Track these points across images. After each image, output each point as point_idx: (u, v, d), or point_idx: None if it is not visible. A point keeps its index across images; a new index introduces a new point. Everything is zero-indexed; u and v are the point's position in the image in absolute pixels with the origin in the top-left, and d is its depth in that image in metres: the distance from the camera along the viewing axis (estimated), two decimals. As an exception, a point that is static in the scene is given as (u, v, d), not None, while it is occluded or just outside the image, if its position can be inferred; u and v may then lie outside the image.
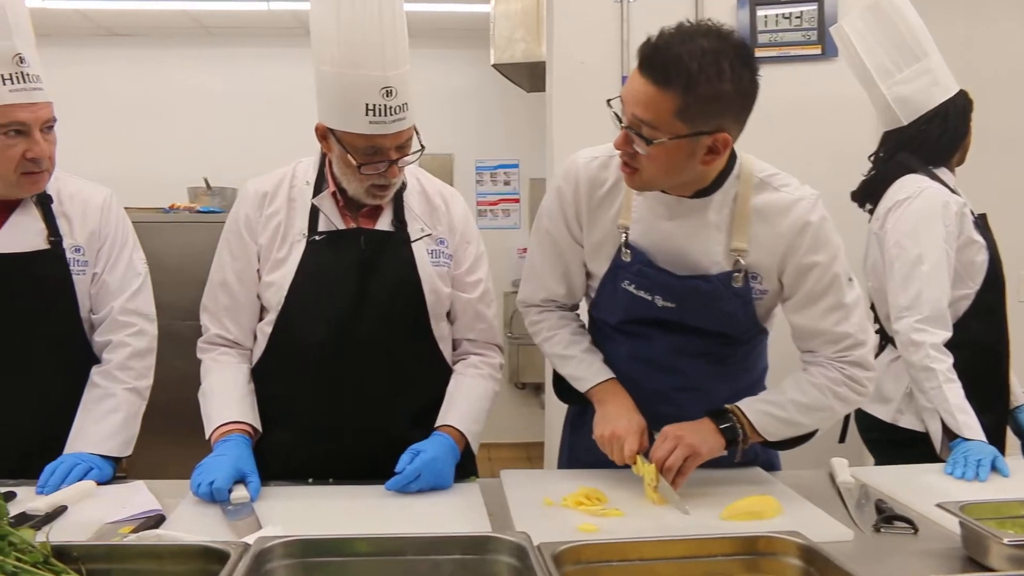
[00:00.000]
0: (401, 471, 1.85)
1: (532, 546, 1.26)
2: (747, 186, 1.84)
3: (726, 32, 1.67)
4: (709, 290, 1.88)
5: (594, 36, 3.27)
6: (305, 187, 2.08)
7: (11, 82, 1.92)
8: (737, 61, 1.64)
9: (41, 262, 2.09)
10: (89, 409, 2.11)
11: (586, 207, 1.96)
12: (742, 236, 1.84)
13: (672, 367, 1.99)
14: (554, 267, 2.07)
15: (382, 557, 1.28)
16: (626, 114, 1.70)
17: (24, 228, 2.08)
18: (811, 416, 1.90)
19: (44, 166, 2.02)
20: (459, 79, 6.17)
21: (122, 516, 1.72)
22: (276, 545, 1.25)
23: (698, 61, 1.60)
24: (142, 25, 6.13)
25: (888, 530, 1.69)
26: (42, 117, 1.99)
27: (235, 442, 1.91)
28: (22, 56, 1.94)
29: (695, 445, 1.80)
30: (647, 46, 1.65)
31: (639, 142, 1.69)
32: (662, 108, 1.64)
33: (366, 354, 2.02)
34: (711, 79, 1.61)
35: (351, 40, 1.82)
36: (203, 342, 2.14)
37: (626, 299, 1.96)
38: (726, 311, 1.90)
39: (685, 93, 1.62)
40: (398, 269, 2.05)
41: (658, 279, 1.90)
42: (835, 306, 1.86)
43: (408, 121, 1.89)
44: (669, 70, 1.61)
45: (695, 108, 1.63)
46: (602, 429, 1.91)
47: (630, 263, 1.92)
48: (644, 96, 1.65)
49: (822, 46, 3.23)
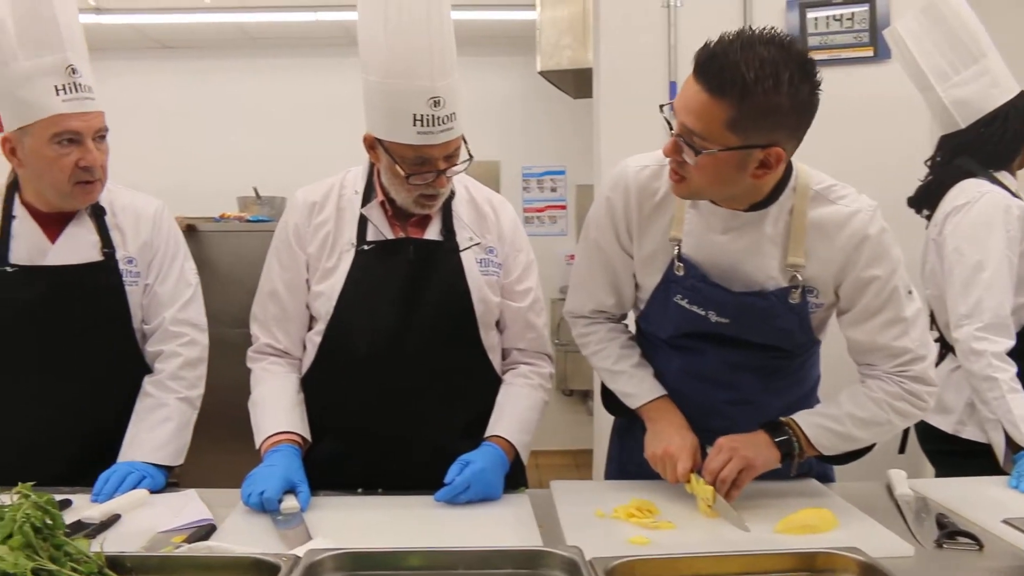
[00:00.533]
0: (450, 482, 1.84)
1: (584, 561, 1.24)
2: (803, 199, 1.79)
3: (789, 42, 1.60)
4: (765, 307, 1.83)
5: (641, 41, 3.25)
6: (354, 196, 2.08)
7: (64, 92, 1.96)
8: (798, 73, 1.57)
9: (95, 273, 2.11)
10: (142, 418, 2.13)
11: (636, 218, 1.92)
12: (798, 251, 1.79)
13: (725, 381, 1.95)
14: (603, 278, 2.04)
15: (434, 571, 1.27)
16: (677, 122, 1.65)
17: (79, 240, 2.11)
18: (868, 430, 1.85)
19: (97, 175, 2.05)
20: (505, 86, 6.18)
21: (174, 525, 1.73)
22: (326, 558, 1.25)
23: (755, 71, 1.54)
24: (192, 38, 6.23)
25: (951, 546, 1.63)
26: (94, 126, 2.02)
27: (285, 452, 1.92)
28: (74, 67, 1.97)
29: (750, 458, 1.77)
30: (704, 51, 1.60)
31: (688, 151, 1.64)
32: (713, 118, 1.59)
33: (415, 364, 2.01)
34: (767, 91, 1.54)
35: (398, 50, 1.82)
36: (253, 351, 2.15)
37: (678, 314, 1.91)
38: (782, 327, 1.86)
39: (739, 103, 1.56)
40: (447, 278, 2.04)
41: (712, 295, 1.86)
42: (894, 320, 1.80)
43: (456, 131, 1.88)
44: (724, 78, 1.55)
45: (748, 120, 1.58)
46: (654, 448, 1.88)
47: (683, 277, 1.88)
48: (696, 104, 1.60)
49: (874, 48, 3.17)
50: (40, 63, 1.94)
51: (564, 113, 5.91)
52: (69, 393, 2.10)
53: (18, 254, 2.06)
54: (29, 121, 1.96)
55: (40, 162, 1.99)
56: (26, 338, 2.07)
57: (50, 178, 2.01)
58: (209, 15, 5.76)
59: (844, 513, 1.75)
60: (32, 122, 1.96)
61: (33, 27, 1.94)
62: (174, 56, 6.37)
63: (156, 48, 6.37)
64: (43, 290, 2.06)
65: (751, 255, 1.82)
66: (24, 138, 1.98)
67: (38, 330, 2.07)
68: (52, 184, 2.03)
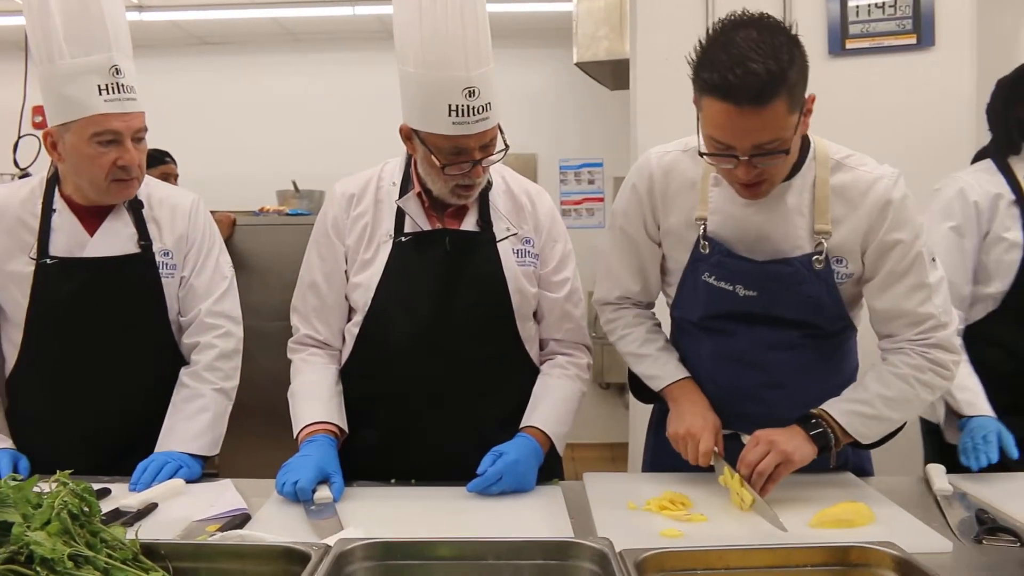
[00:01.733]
0: (483, 473, 1.85)
1: (614, 553, 1.23)
2: (824, 168, 1.82)
3: (743, 13, 1.67)
4: (790, 273, 1.84)
5: (679, 32, 3.19)
6: (391, 188, 2.09)
7: (106, 92, 1.98)
8: (776, 29, 1.63)
9: (132, 265, 2.15)
10: (178, 409, 2.16)
11: (661, 202, 1.95)
12: (824, 217, 1.81)
13: (758, 362, 1.93)
14: (630, 264, 2.06)
15: (463, 561, 1.27)
16: (742, 149, 1.66)
17: (116, 233, 2.14)
18: (899, 409, 1.85)
19: (134, 174, 2.08)
20: (541, 78, 6.17)
21: (209, 514, 1.75)
22: (357, 547, 1.25)
23: (770, 58, 1.58)
24: (231, 33, 6.30)
25: (991, 542, 1.60)
26: (134, 127, 2.05)
27: (320, 443, 1.93)
28: (118, 67, 2.00)
29: (788, 452, 1.75)
30: (725, 82, 1.59)
31: (770, 159, 1.68)
32: (779, 118, 1.63)
33: (452, 355, 2.02)
34: (787, 64, 1.59)
35: (433, 41, 1.82)
36: (293, 342, 2.17)
37: (707, 292, 1.92)
38: (810, 295, 1.85)
39: (784, 93, 1.60)
40: (483, 269, 2.05)
41: (738, 267, 1.87)
42: (917, 286, 1.80)
43: (492, 121, 1.88)
44: (767, 87, 1.58)
45: (796, 94, 1.64)
46: (676, 427, 1.89)
47: (709, 255, 1.89)
48: (759, 123, 1.62)
49: (917, 35, 3.10)
50: (86, 62, 1.97)
51: (601, 105, 5.87)
52: (107, 383, 2.14)
53: (58, 246, 2.10)
54: (71, 118, 1.99)
55: (79, 159, 2.03)
56: (65, 329, 2.10)
57: (88, 175, 2.05)
58: (247, 11, 5.82)
59: (881, 507, 1.73)
60: (74, 119, 1.99)
61: (81, 26, 1.97)
62: (213, 52, 6.45)
63: (196, 44, 6.45)
64: (82, 282, 2.10)
65: (778, 226, 1.84)
66: (65, 134, 2.02)
67: (77, 321, 2.10)
68: (90, 180, 2.06)
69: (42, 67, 2.00)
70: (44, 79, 2.01)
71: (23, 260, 2.09)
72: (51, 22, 1.96)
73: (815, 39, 3.14)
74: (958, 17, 3.06)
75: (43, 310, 2.09)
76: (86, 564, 1.15)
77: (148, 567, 1.20)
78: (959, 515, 1.74)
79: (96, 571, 1.15)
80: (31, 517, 1.17)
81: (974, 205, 2.34)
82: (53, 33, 1.96)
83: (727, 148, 1.68)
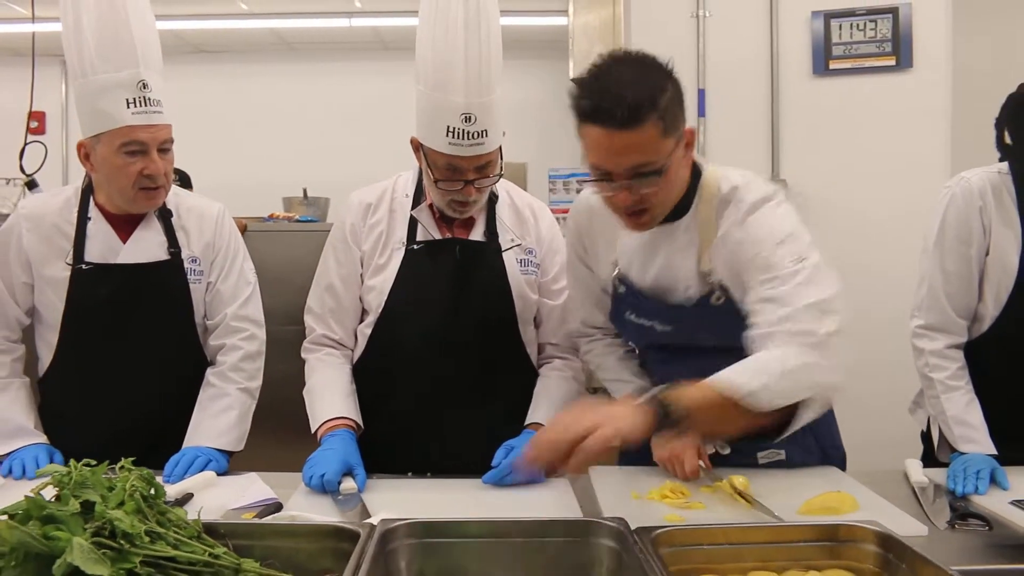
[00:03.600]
0: (497, 465, 1.99)
1: (630, 531, 1.38)
2: (709, 205, 1.86)
3: (624, 52, 1.77)
4: (696, 311, 1.89)
5: (671, 50, 3.32)
6: (404, 199, 2.24)
7: (134, 105, 2.11)
8: (653, 66, 1.72)
9: (162, 272, 2.27)
10: (205, 407, 2.28)
11: (588, 239, 2.08)
12: (705, 257, 1.85)
13: None
14: (586, 298, 2.18)
15: (492, 539, 1.41)
16: (618, 174, 1.71)
17: (148, 240, 2.27)
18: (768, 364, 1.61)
19: (160, 183, 2.20)
20: (531, 89, 6.25)
21: (242, 503, 1.87)
22: (400, 526, 1.39)
23: (641, 86, 1.65)
24: (228, 43, 6.40)
25: (962, 526, 1.74)
26: (160, 138, 2.17)
27: (342, 437, 2.06)
28: (145, 82, 2.12)
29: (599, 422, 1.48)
30: (599, 107, 1.65)
31: (649, 181, 1.71)
32: (652, 140, 1.67)
33: (460, 355, 2.17)
34: (657, 90, 1.66)
35: (440, 66, 1.99)
36: (309, 343, 2.30)
37: (632, 328, 2.04)
38: (723, 326, 1.81)
39: (657, 115, 1.65)
40: (490, 276, 2.20)
41: (650, 307, 1.96)
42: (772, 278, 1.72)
43: (488, 147, 2.03)
44: (637, 109, 1.63)
45: (670, 120, 1.69)
46: (660, 452, 2.03)
47: (625, 294, 2.01)
48: (632, 144, 1.67)
49: (896, 57, 3.28)
50: (115, 77, 2.09)
51: (591, 116, 6.02)
52: (135, 383, 2.26)
53: (92, 253, 2.22)
54: (101, 130, 2.12)
55: (109, 168, 2.15)
56: (98, 331, 2.23)
57: (117, 184, 2.17)
58: (246, 21, 5.92)
59: (863, 497, 1.86)
60: (104, 131, 2.11)
61: (111, 44, 2.09)
62: (211, 60, 6.53)
63: (193, 52, 6.54)
64: (115, 287, 2.22)
65: (670, 268, 1.91)
66: (97, 145, 2.14)
67: (110, 324, 2.23)
68: (118, 189, 2.18)
69: (76, 82, 2.13)
70: (78, 93, 2.14)
71: (60, 265, 2.21)
72: (84, 39, 2.09)
73: (801, 60, 3.32)
74: (934, 41, 3.25)
75: (78, 313, 2.21)
76: (159, 540, 1.28)
77: (211, 543, 1.33)
78: (934, 504, 1.88)
79: (167, 546, 1.28)
80: (107, 498, 1.30)
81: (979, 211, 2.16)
82: (86, 50, 2.09)
83: (605, 174, 1.73)
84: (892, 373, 2.14)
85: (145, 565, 1.23)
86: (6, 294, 2.25)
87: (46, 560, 1.18)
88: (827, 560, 1.42)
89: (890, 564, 1.38)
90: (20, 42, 6.21)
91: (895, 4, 3.27)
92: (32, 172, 4.88)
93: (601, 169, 1.73)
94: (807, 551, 1.42)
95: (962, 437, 2.12)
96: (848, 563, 1.41)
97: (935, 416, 2.22)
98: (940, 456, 2.22)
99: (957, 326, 2.20)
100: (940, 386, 2.17)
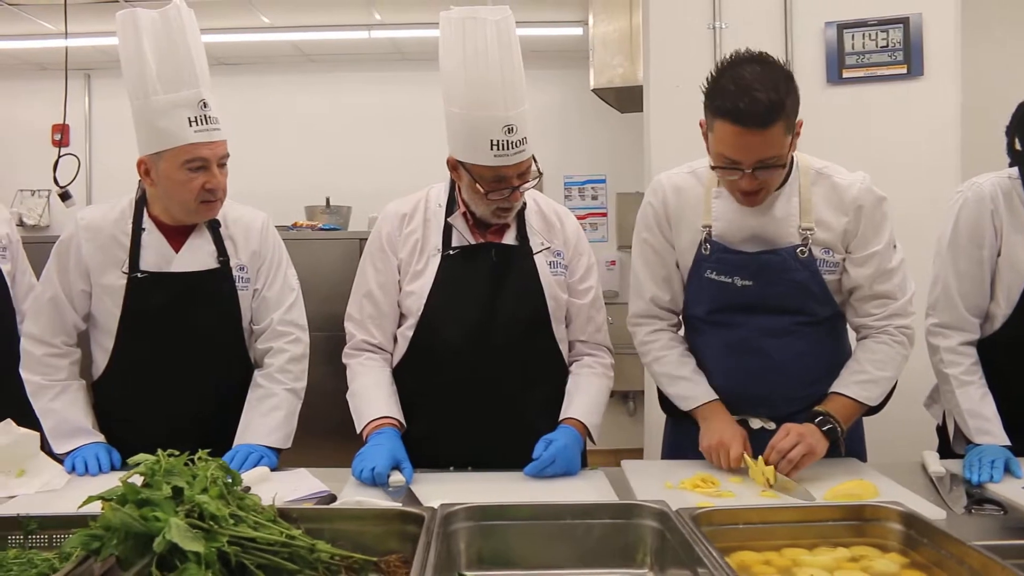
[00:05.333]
0: (538, 457, 2.10)
1: (672, 511, 1.49)
2: (807, 177, 2.17)
3: (747, 52, 2.03)
4: (779, 261, 2.16)
5: (688, 61, 3.48)
6: (438, 209, 2.36)
7: (196, 124, 2.22)
8: (775, 66, 2.00)
9: (213, 280, 2.39)
10: (254, 407, 2.40)
11: (672, 216, 2.27)
12: (808, 217, 2.15)
13: (759, 348, 2.22)
14: (655, 274, 2.34)
15: (543, 521, 1.53)
16: (746, 164, 2.00)
17: (199, 250, 2.38)
18: (886, 367, 2.19)
19: (219, 195, 2.32)
20: (547, 97, 6.36)
21: (298, 496, 1.99)
22: (460, 509, 1.51)
23: (771, 89, 1.92)
24: (247, 55, 6.50)
25: (978, 511, 1.85)
26: (219, 153, 2.29)
27: (388, 434, 2.18)
28: (205, 101, 2.24)
29: (813, 445, 2.04)
30: (735, 108, 1.93)
31: (769, 172, 2.02)
32: (778, 138, 1.97)
33: (497, 354, 2.28)
34: (784, 94, 1.95)
35: (476, 85, 2.11)
36: (350, 348, 2.40)
37: (709, 287, 2.23)
38: (797, 280, 2.17)
39: (784, 116, 1.95)
40: (523, 278, 2.32)
41: (735, 260, 2.19)
42: (884, 272, 2.19)
43: (527, 153, 2.17)
44: (769, 112, 1.92)
45: (791, 119, 1.99)
46: (709, 440, 2.16)
47: (709, 254, 2.21)
48: (762, 142, 1.97)
49: (908, 66, 3.37)
50: (177, 97, 2.20)
51: (606, 124, 6.16)
52: (185, 386, 2.37)
53: (147, 262, 2.33)
54: (164, 147, 2.23)
55: (171, 184, 2.26)
56: (152, 336, 2.34)
57: (179, 198, 2.28)
58: (267, 34, 6.03)
59: (883, 485, 1.98)
60: (167, 148, 2.22)
61: (171, 65, 2.21)
62: (232, 72, 6.63)
63: (216, 65, 6.64)
64: (169, 294, 2.34)
65: (770, 227, 2.17)
66: (159, 162, 2.25)
67: (163, 329, 2.34)
68: (180, 203, 2.30)
69: (136, 102, 2.24)
70: (138, 113, 2.24)
71: (116, 274, 2.32)
72: (146, 62, 2.20)
73: (815, 69, 3.42)
74: (944, 49, 3.34)
75: (134, 319, 2.33)
76: (241, 523, 1.40)
77: (286, 526, 1.45)
78: (951, 492, 1.98)
79: (248, 528, 1.39)
80: (193, 484, 1.41)
81: (990, 214, 2.24)
82: (147, 73, 2.20)
83: (733, 163, 2.01)
84: (908, 369, 2.23)
85: (230, 544, 1.34)
86: (65, 301, 2.36)
87: (144, 539, 1.30)
88: (853, 538, 1.52)
89: (913, 540, 1.49)
90: (44, 56, 6.34)
91: (906, 14, 3.37)
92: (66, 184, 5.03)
93: (730, 159, 2.01)
94: (835, 530, 1.53)
95: (977, 429, 2.21)
96: (873, 540, 1.52)
97: (950, 410, 2.32)
98: (956, 448, 2.33)
99: (970, 324, 2.31)
100: (955, 381, 2.27)
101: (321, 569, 1.39)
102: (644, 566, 1.51)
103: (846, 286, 2.22)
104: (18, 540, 1.55)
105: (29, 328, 2.42)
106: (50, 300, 2.37)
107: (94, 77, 6.60)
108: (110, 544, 1.32)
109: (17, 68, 6.62)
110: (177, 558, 1.26)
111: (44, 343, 2.39)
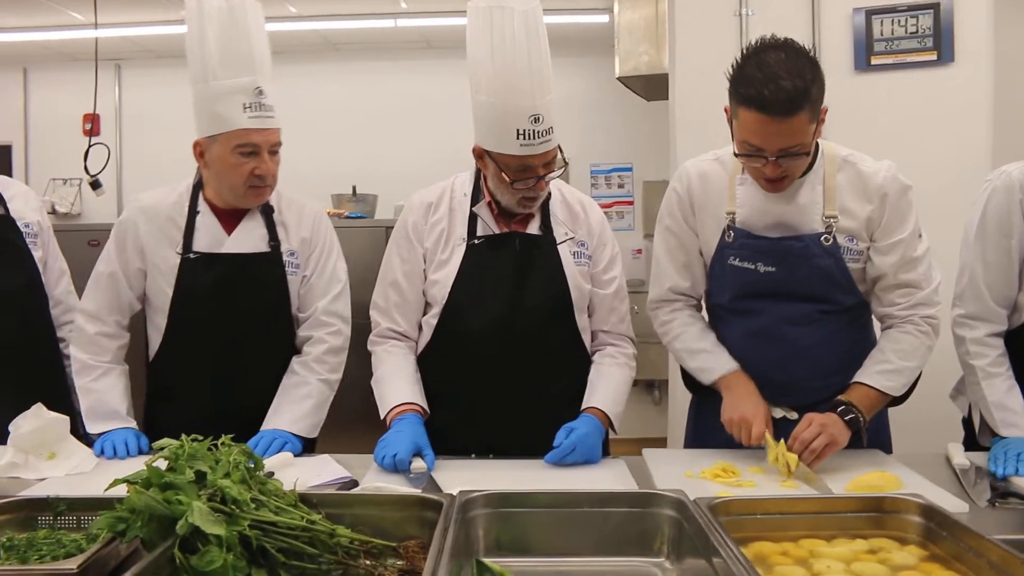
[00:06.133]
0: (559, 445, 2.11)
1: (690, 501, 1.50)
2: (832, 165, 2.15)
3: (771, 38, 2.00)
4: (802, 248, 2.14)
5: (714, 48, 3.45)
6: (463, 198, 2.37)
7: (250, 110, 2.26)
8: (800, 52, 1.97)
9: (263, 263, 2.43)
10: (287, 392, 2.43)
11: (699, 200, 2.26)
12: (832, 205, 2.14)
13: (782, 336, 2.21)
14: (676, 259, 2.34)
15: (561, 508, 1.54)
16: (770, 152, 1.99)
17: (251, 233, 2.43)
18: (911, 357, 2.17)
19: (268, 182, 2.35)
20: (573, 85, 6.33)
21: (320, 481, 2.01)
22: (478, 496, 1.52)
23: (796, 77, 1.90)
24: (274, 44, 6.46)
25: (1002, 504, 1.84)
26: (271, 140, 2.33)
27: (411, 420, 2.19)
28: (261, 89, 2.28)
29: (835, 435, 2.03)
30: (760, 96, 1.91)
31: (796, 159, 2.02)
32: (803, 126, 1.96)
33: (521, 342, 2.29)
34: (810, 82, 1.93)
35: (504, 74, 2.11)
36: (375, 335, 2.42)
37: (732, 274, 2.23)
38: (820, 267, 2.15)
39: (808, 104, 1.93)
40: (547, 267, 2.32)
41: (758, 246, 2.18)
42: (909, 260, 2.16)
43: (553, 142, 2.18)
44: (793, 101, 1.90)
45: (816, 107, 1.97)
46: (730, 413, 2.14)
47: (733, 240, 2.20)
48: (787, 130, 1.95)
49: (938, 52, 3.32)
50: (235, 83, 2.25)
51: (632, 112, 6.12)
52: (237, 365, 2.42)
53: (200, 243, 2.39)
54: (219, 131, 2.28)
55: (222, 167, 2.31)
56: (203, 316, 2.40)
57: (229, 181, 2.33)
58: (295, 24, 6.05)
59: (906, 477, 1.97)
60: (221, 132, 2.27)
61: (233, 52, 2.25)
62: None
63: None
64: (219, 275, 2.39)
65: (794, 213, 2.15)
66: (213, 145, 2.30)
67: (214, 309, 2.39)
68: (230, 186, 2.35)
69: (197, 86, 2.29)
70: (197, 96, 2.30)
71: (170, 254, 2.38)
72: (208, 48, 2.25)
73: (842, 56, 3.39)
74: (975, 35, 3.29)
75: (186, 298, 2.39)
76: (262, 507, 1.42)
77: (307, 511, 1.47)
78: (975, 485, 1.96)
79: (270, 512, 1.42)
80: (215, 469, 1.44)
81: (1019, 204, 2.21)
82: (209, 58, 2.25)
83: (758, 150, 2.00)
84: (933, 360, 2.21)
85: (251, 528, 1.36)
86: (123, 279, 2.42)
87: (167, 521, 1.33)
88: (873, 530, 1.52)
89: (933, 533, 1.48)
90: (75, 47, 6.41)
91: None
92: (96, 173, 5.09)
93: (754, 146, 2.01)
94: (854, 521, 1.53)
95: (1003, 421, 2.19)
96: (893, 533, 1.52)
97: (976, 402, 2.30)
98: (981, 440, 2.31)
99: (997, 315, 2.28)
100: (981, 373, 2.25)
101: (341, 553, 1.41)
102: (661, 555, 1.52)
103: (870, 275, 2.20)
104: (48, 521, 1.59)
105: (85, 304, 2.48)
106: (109, 276, 2.43)
107: (124, 67, 6.65)
108: (135, 526, 1.35)
109: (49, 59, 6.70)
110: (199, 541, 1.29)
111: (98, 320, 2.44)
